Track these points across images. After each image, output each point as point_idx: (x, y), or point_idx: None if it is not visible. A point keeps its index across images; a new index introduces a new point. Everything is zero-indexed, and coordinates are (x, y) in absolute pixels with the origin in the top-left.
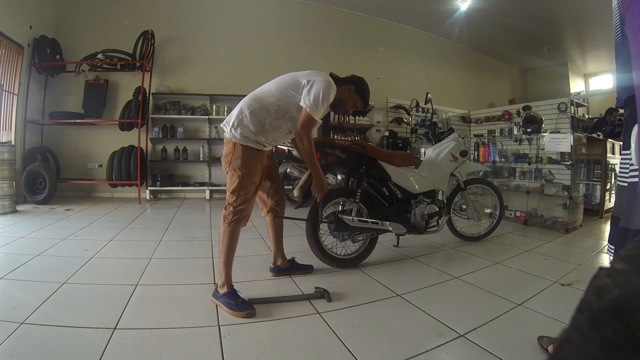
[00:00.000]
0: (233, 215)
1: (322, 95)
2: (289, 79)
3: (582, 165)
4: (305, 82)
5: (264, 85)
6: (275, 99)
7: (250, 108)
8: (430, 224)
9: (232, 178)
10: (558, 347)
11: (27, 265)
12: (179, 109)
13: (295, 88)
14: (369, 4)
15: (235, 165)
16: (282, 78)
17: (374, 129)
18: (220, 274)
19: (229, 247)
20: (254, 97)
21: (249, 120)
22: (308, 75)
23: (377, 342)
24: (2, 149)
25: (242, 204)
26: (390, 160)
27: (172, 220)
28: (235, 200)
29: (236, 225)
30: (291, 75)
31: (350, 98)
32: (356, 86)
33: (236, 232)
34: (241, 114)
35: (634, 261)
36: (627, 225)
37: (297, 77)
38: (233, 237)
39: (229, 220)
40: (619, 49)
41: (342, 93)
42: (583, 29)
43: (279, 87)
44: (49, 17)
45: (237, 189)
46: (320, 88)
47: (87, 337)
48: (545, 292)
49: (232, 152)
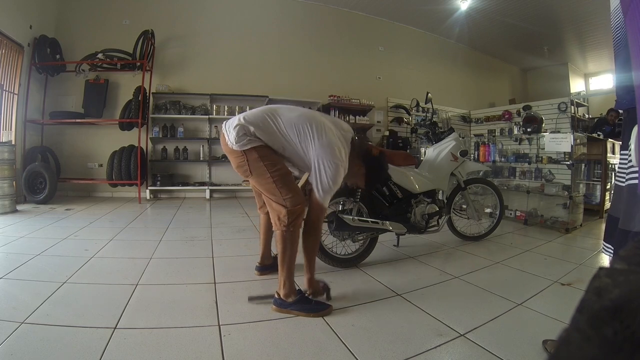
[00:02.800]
0: (289, 217)
1: (334, 181)
2: (299, 130)
3: (582, 165)
4: (315, 156)
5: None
6: (281, 144)
7: (254, 129)
8: (431, 223)
9: (262, 180)
10: (558, 346)
11: (27, 264)
12: (179, 108)
13: (307, 150)
14: (369, 3)
15: (260, 168)
16: (291, 123)
17: (374, 128)
18: (283, 284)
19: (292, 255)
20: (260, 125)
21: (254, 135)
22: (318, 127)
23: (377, 341)
24: (2, 148)
25: (294, 198)
26: (390, 159)
27: (172, 219)
28: (284, 200)
29: (296, 226)
30: (301, 124)
31: (354, 176)
32: (367, 170)
33: (296, 234)
34: (246, 131)
35: (634, 261)
36: (627, 227)
37: (309, 132)
38: (295, 242)
39: (286, 223)
40: (618, 50)
41: (351, 168)
42: (583, 29)
43: (289, 134)
44: (49, 16)
45: (280, 187)
46: (333, 173)
47: (87, 337)
48: (545, 292)
49: (244, 159)
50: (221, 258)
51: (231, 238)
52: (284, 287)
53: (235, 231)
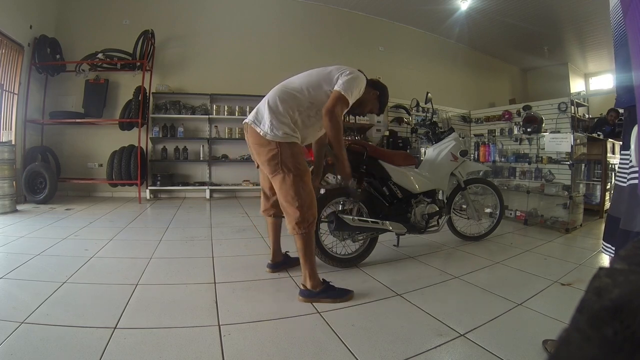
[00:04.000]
0: (304, 220)
1: (356, 83)
2: (320, 74)
3: (582, 165)
4: (339, 74)
5: (292, 80)
6: (309, 96)
7: (283, 104)
8: (431, 223)
9: (287, 180)
10: (558, 347)
11: (27, 264)
12: (179, 108)
13: (328, 82)
14: (369, 3)
15: (291, 165)
16: (311, 74)
17: (374, 128)
18: (309, 277)
19: (311, 253)
20: (284, 93)
21: (285, 117)
22: (339, 69)
23: (377, 341)
24: (2, 148)
25: (311, 206)
26: (390, 159)
27: (172, 219)
28: (301, 204)
29: (311, 228)
30: (320, 70)
31: (371, 102)
32: (380, 93)
33: (312, 234)
34: (275, 111)
35: (634, 261)
36: (628, 228)
37: (328, 71)
38: (312, 242)
39: (304, 226)
40: (618, 48)
41: (367, 95)
42: (583, 29)
43: (311, 83)
44: (49, 16)
45: (301, 190)
46: (354, 77)
47: (87, 337)
48: (545, 292)
49: (278, 152)
50: (221, 258)
51: (231, 238)
52: (311, 279)
53: (235, 231)
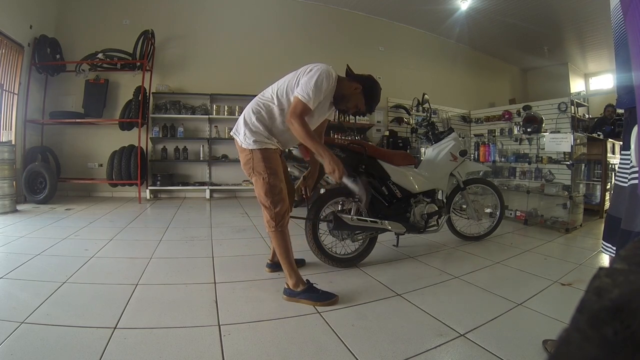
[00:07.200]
0: (275, 219)
1: (315, 82)
2: (289, 80)
3: (582, 165)
4: (301, 72)
5: (267, 89)
6: (279, 103)
7: (256, 115)
8: (430, 223)
9: (258, 182)
10: (558, 347)
11: (27, 264)
12: (179, 108)
13: (294, 85)
14: (369, 3)
15: (260, 169)
16: (284, 80)
17: (374, 128)
18: (290, 275)
19: (286, 250)
20: (258, 104)
21: (258, 127)
22: (305, 68)
23: (377, 341)
24: (2, 148)
25: (279, 204)
26: (389, 159)
27: (172, 219)
28: (271, 204)
29: (283, 227)
30: (292, 74)
31: (354, 97)
32: (364, 86)
33: (285, 232)
34: (248, 122)
35: (634, 261)
36: (629, 228)
37: (296, 74)
38: (285, 239)
39: (273, 225)
40: (618, 49)
41: (347, 89)
42: (583, 29)
43: (280, 90)
44: (49, 16)
45: (269, 191)
46: (313, 73)
47: (88, 337)
48: (545, 292)
49: (251, 158)
50: (221, 258)
51: (231, 238)
52: (291, 278)
53: (235, 231)
